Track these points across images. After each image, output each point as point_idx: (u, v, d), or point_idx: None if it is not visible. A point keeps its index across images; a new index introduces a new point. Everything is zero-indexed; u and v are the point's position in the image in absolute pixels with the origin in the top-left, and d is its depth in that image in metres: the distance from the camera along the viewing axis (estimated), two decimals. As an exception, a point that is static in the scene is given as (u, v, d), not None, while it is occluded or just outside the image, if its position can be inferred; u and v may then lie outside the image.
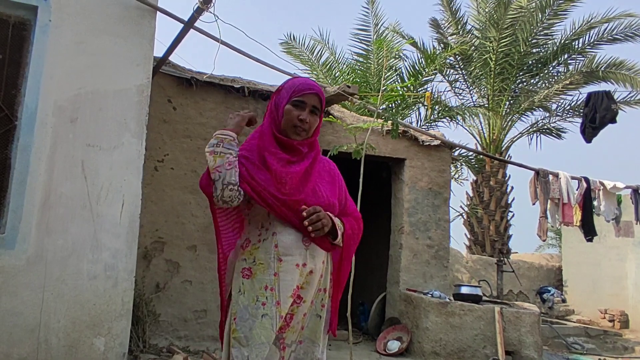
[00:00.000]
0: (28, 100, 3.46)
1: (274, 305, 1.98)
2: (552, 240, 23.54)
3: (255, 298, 1.99)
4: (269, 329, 1.97)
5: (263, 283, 1.99)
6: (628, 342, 8.63)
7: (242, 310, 2.00)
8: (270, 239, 2.02)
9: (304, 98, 2.08)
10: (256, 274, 2.01)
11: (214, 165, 1.96)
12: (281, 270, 2.00)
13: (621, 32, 11.50)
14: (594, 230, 7.06)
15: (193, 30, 4.17)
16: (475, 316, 6.04)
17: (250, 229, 2.10)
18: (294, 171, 2.04)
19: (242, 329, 1.98)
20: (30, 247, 3.35)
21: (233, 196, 1.96)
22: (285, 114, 2.07)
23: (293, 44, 12.14)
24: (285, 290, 1.99)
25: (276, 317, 1.98)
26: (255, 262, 2.02)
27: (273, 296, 1.98)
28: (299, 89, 2.08)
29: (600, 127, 7.10)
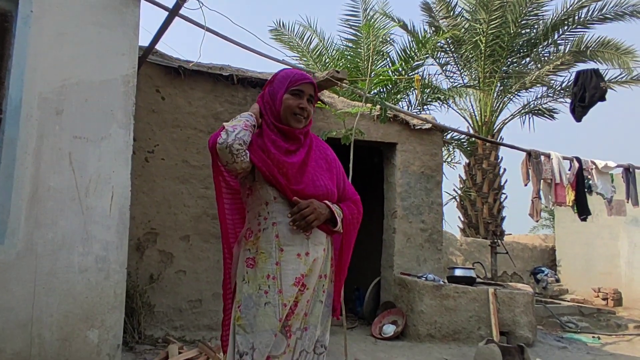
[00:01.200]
0: (12, 93, 3.41)
1: (276, 293, 2.03)
2: (546, 221, 23.73)
3: (258, 287, 2.05)
4: (272, 316, 2.02)
5: (265, 272, 2.05)
6: (621, 319, 8.72)
7: (246, 298, 2.06)
8: (271, 229, 2.08)
9: (301, 87, 2.15)
10: (259, 263, 2.07)
11: (230, 123, 2.03)
12: (282, 259, 2.06)
13: (612, 11, 11.48)
14: (587, 209, 7.09)
15: (179, 18, 4.12)
16: (470, 298, 6.07)
17: (250, 219, 2.16)
18: (292, 162, 2.10)
19: (247, 317, 2.04)
20: (19, 241, 3.32)
21: (240, 152, 1.99)
22: (284, 103, 2.13)
23: (282, 30, 12.06)
24: (287, 278, 2.05)
25: (279, 305, 2.03)
26: (258, 252, 2.08)
27: (275, 285, 2.04)
28: (296, 78, 2.16)
29: (589, 105, 7.11)
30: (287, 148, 2.11)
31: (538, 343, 6.35)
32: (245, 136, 2.01)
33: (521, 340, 5.88)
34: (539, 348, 6.17)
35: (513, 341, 5.86)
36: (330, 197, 2.16)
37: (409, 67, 10.64)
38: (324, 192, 2.13)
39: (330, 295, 2.25)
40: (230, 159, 2.01)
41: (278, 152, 2.08)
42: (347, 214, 2.20)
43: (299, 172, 2.10)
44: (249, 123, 2.06)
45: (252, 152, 2.05)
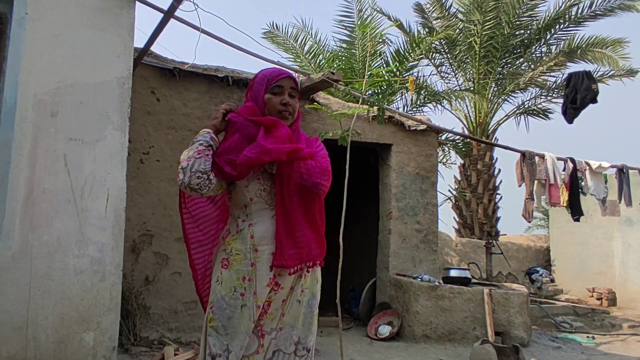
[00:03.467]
0: (7, 95, 3.40)
1: (251, 295, 2.04)
2: (541, 221, 23.82)
3: (233, 288, 2.04)
4: (247, 319, 2.03)
5: (240, 274, 2.05)
6: (615, 319, 8.76)
7: (219, 299, 2.05)
8: (247, 230, 2.08)
9: (280, 83, 2.14)
10: (233, 265, 2.06)
11: (184, 157, 2.03)
12: (257, 260, 2.05)
13: (601, 7, 11.54)
14: (580, 210, 7.12)
15: (174, 20, 4.11)
16: (465, 298, 6.09)
17: (230, 221, 2.17)
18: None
19: (220, 318, 2.03)
20: (14, 243, 3.32)
21: (202, 184, 2.00)
22: (267, 103, 2.13)
23: (277, 32, 12.05)
24: (262, 280, 2.05)
25: (253, 307, 2.03)
26: (233, 253, 2.07)
27: (251, 287, 2.05)
28: (273, 76, 2.16)
29: (581, 107, 7.14)
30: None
31: (533, 343, 6.38)
32: (201, 165, 2.00)
33: (516, 341, 5.91)
34: (533, 348, 6.19)
35: (508, 341, 5.88)
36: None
37: (403, 68, 10.66)
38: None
39: (315, 297, 2.22)
40: (197, 193, 2.04)
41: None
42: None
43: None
44: (202, 147, 2.04)
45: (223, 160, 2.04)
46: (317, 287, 2.23)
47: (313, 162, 2.12)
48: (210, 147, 2.07)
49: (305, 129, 6.35)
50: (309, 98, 6.15)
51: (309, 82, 5.25)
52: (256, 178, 2.10)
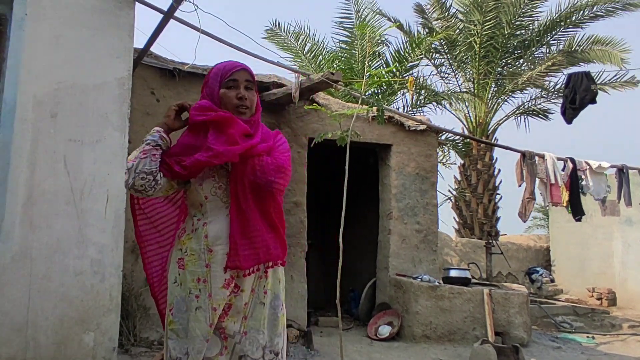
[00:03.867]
0: (6, 96, 3.40)
1: (206, 297, 1.98)
2: (540, 221, 23.81)
3: (189, 290, 1.99)
4: (202, 322, 1.97)
5: (195, 275, 2.00)
6: (615, 319, 8.76)
7: (178, 301, 2.00)
8: (201, 229, 2.02)
9: (234, 76, 2.07)
10: (188, 265, 2.01)
11: (131, 156, 1.98)
12: (212, 261, 2.00)
13: (603, 8, 11.53)
14: (581, 210, 7.11)
15: (174, 20, 4.11)
16: (465, 299, 6.10)
17: (188, 219, 2.12)
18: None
19: (180, 321, 1.98)
20: (14, 244, 3.31)
21: (146, 185, 1.95)
22: (222, 99, 2.06)
23: (278, 31, 12.05)
24: (216, 281, 1.99)
25: (209, 309, 1.98)
26: (187, 253, 2.02)
27: (205, 288, 1.98)
28: (227, 69, 2.08)
29: (580, 108, 7.14)
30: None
31: (533, 343, 6.38)
32: (146, 166, 1.94)
33: (516, 341, 5.91)
34: (533, 348, 6.19)
35: (508, 341, 5.88)
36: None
37: (403, 68, 10.67)
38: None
39: (278, 297, 2.13)
40: (142, 194, 2.00)
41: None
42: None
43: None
44: (148, 147, 1.98)
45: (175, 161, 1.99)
46: (279, 287, 2.15)
47: (269, 159, 2.04)
48: (159, 147, 2.01)
49: (304, 129, 6.35)
50: (309, 98, 6.14)
51: (308, 83, 5.25)
52: (211, 176, 2.04)
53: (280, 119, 6.24)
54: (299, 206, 6.26)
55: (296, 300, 6.13)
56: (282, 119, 6.26)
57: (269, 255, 2.05)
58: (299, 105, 6.09)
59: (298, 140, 6.33)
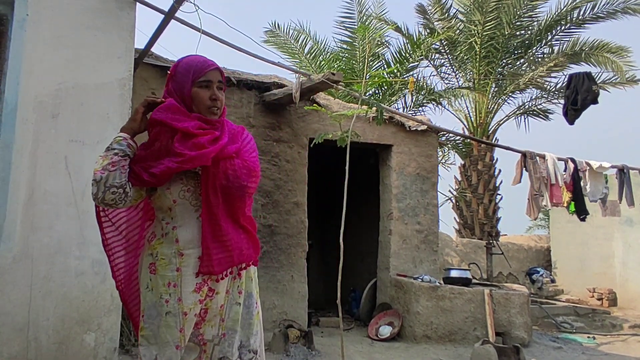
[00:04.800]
0: (8, 97, 3.41)
1: (176, 301, 1.93)
2: (541, 222, 23.79)
3: (159, 295, 1.94)
4: (173, 327, 1.93)
5: (166, 280, 1.95)
6: (616, 319, 8.75)
7: (150, 307, 1.96)
8: (171, 234, 1.98)
9: (208, 77, 2.00)
10: (159, 270, 1.96)
11: (99, 166, 1.88)
12: (183, 265, 1.96)
13: (604, 10, 11.52)
14: (585, 209, 7.09)
15: (174, 21, 4.12)
16: (465, 299, 6.09)
17: (156, 223, 2.06)
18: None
19: (151, 327, 1.96)
20: (15, 245, 3.32)
21: (117, 199, 1.89)
22: (194, 98, 1.99)
23: (277, 32, 12.05)
24: (187, 285, 1.95)
25: (179, 314, 1.93)
26: (158, 258, 1.97)
27: (175, 292, 1.94)
28: (199, 68, 2.00)
29: (581, 108, 7.13)
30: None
31: (533, 343, 6.38)
32: (116, 179, 1.86)
33: (517, 341, 5.91)
34: (534, 348, 6.19)
35: (509, 342, 5.88)
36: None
37: (403, 69, 10.67)
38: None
39: (251, 296, 2.11)
40: (112, 207, 1.95)
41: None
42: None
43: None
44: (117, 158, 1.89)
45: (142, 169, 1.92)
46: (251, 285, 2.13)
47: (239, 162, 2.00)
48: (127, 157, 1.93)
49: (305, 129, 6.36)
50: (309, 99, 6.15)
51: (309, 83, 5.26)
52: (179, 179, 1.98)
53: (280, 119, 6.24)
54: (300, 206, 6.26)
55: (297, 300, 6.13)
56: (283, 119, 6.26)
57: (241, 256, 2.03)
58: (299, 106, 6.09)
59: (299, 141, 6.33)
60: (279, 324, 5.63)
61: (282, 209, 6.13)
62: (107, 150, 1.92)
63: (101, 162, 1.88)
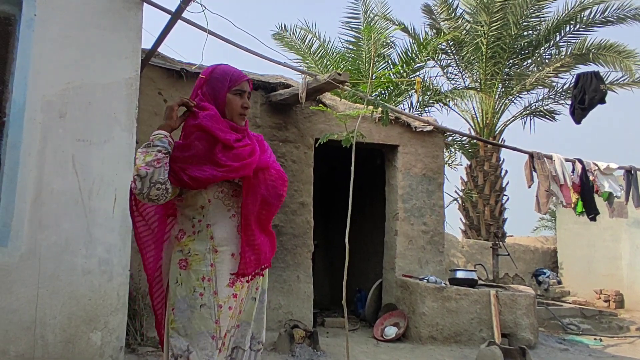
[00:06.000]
0: (16, 96, 3.43)
1: (211, 295, 2.03)
2: (548, 223, 23.70)
3: (192, 289, 2.03)
4: (208, 318, 2.02)
5: (200, 274, 2.04)
6: (623, 321, 8.71)
7: (180, 301, 2.04)
8: (205, 231, 2.07)
9: (242, 87, 2.17)
10: (192, 265, 2.05)
11: (144, 162, 1.93)
12: (217, 260, 2.06)
13: (614, 14, 11.46)
14: (595, 208, 7.04)
15: (181, 21, 4.13)
16: (471, 300, 6.08)
17: (183, 220, 2.13)
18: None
19: (181, 320, 2.03)
20: (23, 243, 3.34)
21: (160, 195, 1.95)
22: (228, 103, 2.13)
23: (284, 33, 12.08)
24: (222, 279, 2.06)
25: (214, 306, 2.04)
26: (191, 254, 2.06)
27: (210, 286, 2.04)
28: (235, 78, 2.16)
29: (589, 108, 7.09)
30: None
31: (540, 345, 6.35)
32: (160, 175, 1.93)
33: (523, 342, 5.88)
34: (540, 350, 6.17)
35: (515, 343, 5.86)
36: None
37: (410, 69, 10.65)
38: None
39: (265, 292, 2.26)
40: (154, 203, 2.01)
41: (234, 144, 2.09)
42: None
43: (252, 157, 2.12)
44: (161, 155, 1.96)
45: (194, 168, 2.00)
46: (265, 282, 2.28)
47: (274, 172, 2.16)
48: (168, 154, 2.00)
49: (311, 130, 6.36)
50: (315, 99, 6.15)
51: (315, 83, 5.26)
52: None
53: (287, 119, 6.25)
54: (305, 207, 6.26)
55: (302, 300, 6.13)
56: (289, 120, 6.27)
57: (266, 259, 2.18)
58: (305, 106, 6.09)
59: (304, 141, 6.33)
60: (284, 324, 5.64)
61: (288, 209, 6.13)
62: (147, 147, 1.98)
63: (143, 158, 1.94)
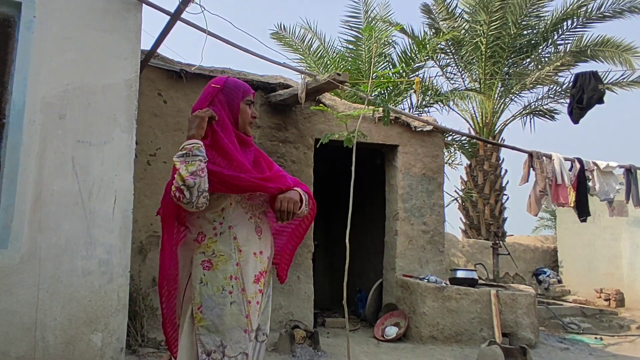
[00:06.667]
0: (15, 98, 3.43)
1: (239, 292, 2.14)
2: (548, 222, 23.71)
3: (220, 288, 2.12)
4: (238, 314, 2.13)
5: (227, 273, 2.13)
6: (623, 320, 8.71)
7: (207, 299, 2.11)
8: (228, 232, 2.16)
9: (252, 98, 2.34)
10: (218, 265, 2.14)
11: (188, 172, 2.00)
12: (242, 259, 2.16)
13: (610, 9, 11.47)
14: (587, 210, 7.07)
15: (180, 22, 4.13)
16: (472, 300, 6.08)
17: (202, 224, 2.19)
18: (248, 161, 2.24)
19: (210, 317, 2.11)
20: (23, 245, 3.34)
21: (204, 203, 2.05)
22: (241, 113, 2.28)
23: (283, 33, 12.07)
24: (248, 277, 2.17)
25: (244, 302, 2.14)
26: (215, 254, 2.14)
27: (238, 284, 2.14)
28: (247, 89, 2.32)
29: (587, 107, 7.10)
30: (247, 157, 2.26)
31: (540, 344, 6.35)
32: (205, 184, 2.02)
33: (523, 342, 5.88)
34: (541, 349, 6.17)
35: (515, 342, 5.86)
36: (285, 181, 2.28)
37: (409, 69, 10.65)
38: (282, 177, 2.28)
39: (271, 286, 2.40)
40: (197, 210, 2.07)
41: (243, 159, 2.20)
42: (306, 191, 2.31)
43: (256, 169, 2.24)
44: (203, 165, 2.03)
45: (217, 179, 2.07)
46: (271, 278, 2.41)
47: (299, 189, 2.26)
48: (206, 162, 2.08)
49: (311, 130, 6.37)
50: (315, 99, 6.15)
51: (315, 83, 5.26)
52: None
53: (286, 119, 6.25)
54: (306, 207, 6.26)
55: (303, 301, 6.13)
56: (289, 120, 6.27)
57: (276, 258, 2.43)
58: (305, 106, 6.09)
59: (304, 141, 6.34)
60: (285, 324, 5.64)
61: (288, 209, 6.12)
62: (187, 156, 2.04)
63: (185, 167, 2.01)
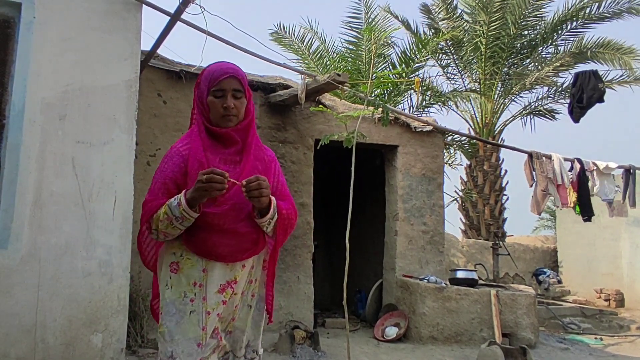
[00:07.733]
0: (15, 99, 3.43)
1: (200, 301, 1.96)
2: (548, 222, 23.71)
3: (183, 294, 1.96)
4: (195, 325, 1.95)
5: (191, 279, 1.97)
6: (623, 320, 8.71)
7: (168, 304, 1.98)
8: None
9: (221, 85, 1.97)
10: (183, 269, 1.99)
11: (165, 229, 1.95)
12: (209, 266, 1.98)
13: (609, 10, 11.49)
14: (591, 210, 7.06)
15: (180, 22, 4.13)
16: (472, 300, 6.08)
17: None
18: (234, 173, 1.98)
19: (167, 324, 1.96)
20: (23, 246, 3.34)
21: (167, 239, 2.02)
22: (210, 107, 1.99)
23: (283, 33, 12.07)
24: (212, 286, 1.98)
25: (202, 313, 1.96)
26: (183, 257, 2.00)
27: (201, 292, 1.96)
28: (214, 77, 1.98)
29: (587, 107, 7.10)
30: (230, 158, 2.02)
31: (540, 344, 6.35)
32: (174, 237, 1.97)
33: (523, 342, 5.88)
34: (541, 349, 6.17)
35: (515, 343, 5.86)
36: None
37: (409, 69, 10.65)
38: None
39: (262, 299, 2.17)
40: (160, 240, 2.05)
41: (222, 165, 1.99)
42: (284, 208, 2.08)
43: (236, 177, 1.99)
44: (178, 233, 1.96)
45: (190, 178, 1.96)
46: (262, 289, 2.18)
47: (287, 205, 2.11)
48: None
49: (311, 130, 6.36)
50: (315, 100, 6.15)
51: (314, 84, 5.26)
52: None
53: (286, 120, 6.25)
54: (306, 207, 6.27)
55: (302, 301, 6.13)
56: (288, 121, 6.27)
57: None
58: (305, 107, 6.09)
59: (304, 142, 6.33)
60: (285, 325, 5.64)
61: (288, 210, 6.13)
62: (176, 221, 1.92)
63: (168, 224, 1.94)
